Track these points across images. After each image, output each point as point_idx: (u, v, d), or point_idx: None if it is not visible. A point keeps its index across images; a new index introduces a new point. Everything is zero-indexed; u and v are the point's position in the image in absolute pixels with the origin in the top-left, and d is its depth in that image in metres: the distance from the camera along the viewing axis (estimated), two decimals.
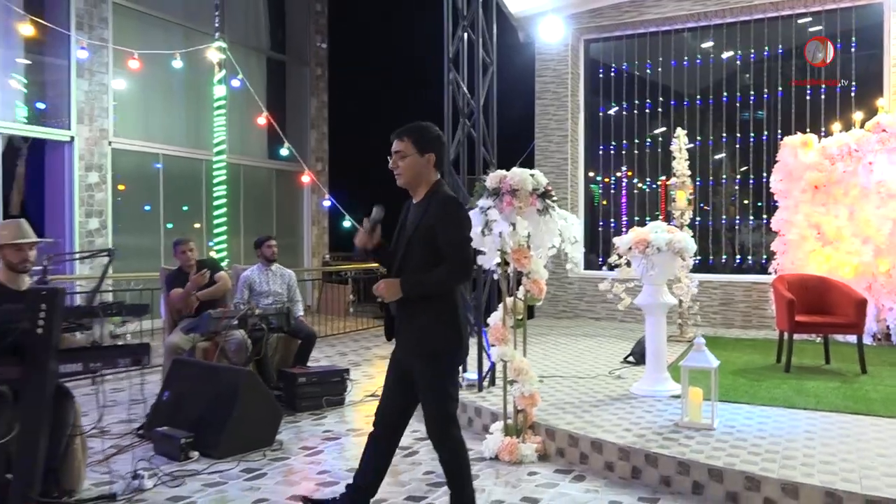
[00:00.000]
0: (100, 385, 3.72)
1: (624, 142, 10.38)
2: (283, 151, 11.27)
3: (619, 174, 10.49)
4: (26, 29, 8.03)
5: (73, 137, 9.52)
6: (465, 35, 5.91)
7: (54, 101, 9.58)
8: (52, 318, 3.38)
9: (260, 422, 4.66)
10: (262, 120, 10.89)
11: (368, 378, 6.94)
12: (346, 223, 11.60)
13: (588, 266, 10.26)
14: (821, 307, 6.31)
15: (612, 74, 10.46)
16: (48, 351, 3.42)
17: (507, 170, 4.35)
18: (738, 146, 9.66)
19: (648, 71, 10.21)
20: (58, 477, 3.68)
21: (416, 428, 4.42)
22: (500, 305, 4.50)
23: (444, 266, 3.00)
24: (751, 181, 9.54)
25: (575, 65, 10.48)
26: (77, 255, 8.00)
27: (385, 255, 3.20)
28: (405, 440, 4.70)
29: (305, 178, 11.95)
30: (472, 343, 5.75)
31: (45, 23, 8.43)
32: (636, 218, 10.10)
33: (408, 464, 4.31)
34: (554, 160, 10.34)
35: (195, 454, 4.38)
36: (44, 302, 3.36)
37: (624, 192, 10.48)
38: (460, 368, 5.60)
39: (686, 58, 9.97)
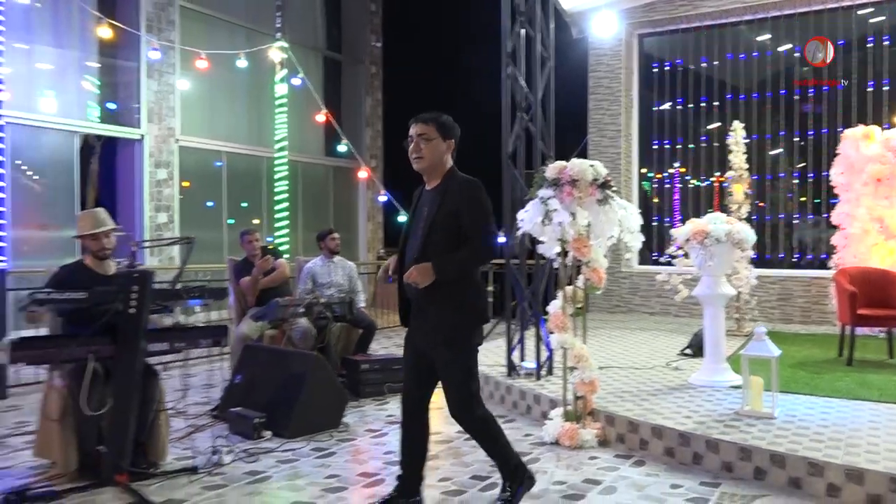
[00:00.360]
0: (183, 367, 3.97)
1: (678, 137, 10.33)
2: (340, 148, 11.53)
3: (671, 170, 10.44)
4: (103, 31, 8.43)
5: (143, 136, 9.96)
6: (523, 31, 6.00)
7: (125, 101, 10.03)
8: (143, 299, 3.63)
9: (327, 405, 4.86)
10: (321, 118, 11.16)
11: None
12: (402, 218, 11.80)
13: (642, 261, 10.24)
14: (884, 300, 6.21)
15: (667, 69, 10.41)
16: (139, 330, 3.67)
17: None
18: (795, 140, 9.51)
19: (703, 65, 10.13)
20: (145, 450, 3.94)
21: None
22: (560, 294, 4.59)
23: (469, 246, 3.06)
24: (809, 176, 9.39)
25: (628, 60, 10.46)
26: (160, 242, 8.36)
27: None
28: None
29: (363, 174, 12.21)
30: (530, 334, 5.88)
31: (118, 24, 8.82)
32: (690, 214, 10.03)
33: (470, 446, 4.43)
34: (607, 155, 10.33)
35: (268, 433, 4.60)
36: (135, 284, 3.61)
37: (677, 188, 10.43)
38: (517, 357, 5.74)
39: (742, 51, 9.86)
